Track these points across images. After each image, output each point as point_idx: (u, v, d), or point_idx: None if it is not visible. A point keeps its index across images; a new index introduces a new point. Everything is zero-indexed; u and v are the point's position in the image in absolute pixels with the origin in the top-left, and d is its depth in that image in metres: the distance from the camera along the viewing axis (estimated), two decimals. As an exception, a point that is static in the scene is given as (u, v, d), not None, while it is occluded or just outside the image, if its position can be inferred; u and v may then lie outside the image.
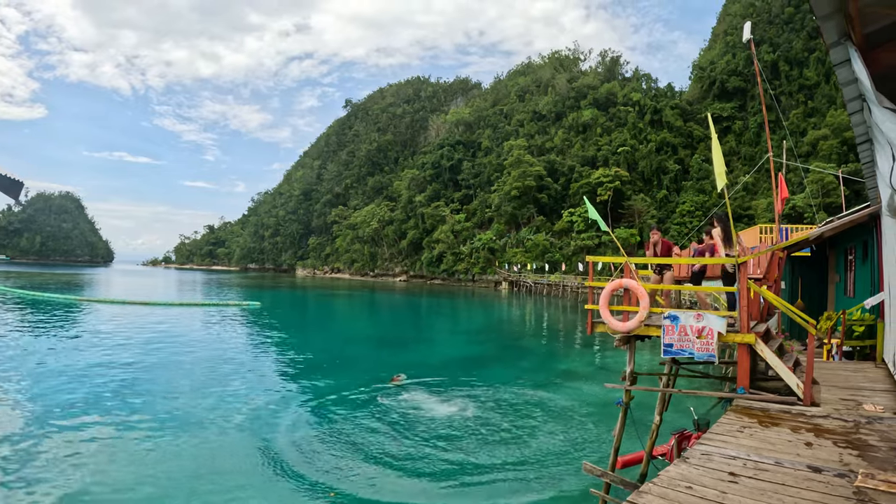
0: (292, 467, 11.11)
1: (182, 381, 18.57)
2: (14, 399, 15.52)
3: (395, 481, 10.56)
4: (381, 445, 12.60)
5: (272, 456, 11.74)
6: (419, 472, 11.05)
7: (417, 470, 11.14)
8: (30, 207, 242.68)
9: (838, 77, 5.27)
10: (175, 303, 49.60)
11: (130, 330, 30.45)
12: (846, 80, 5.33)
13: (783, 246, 10.48)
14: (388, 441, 12.91)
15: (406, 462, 11.57)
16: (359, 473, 10.91)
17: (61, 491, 9.66)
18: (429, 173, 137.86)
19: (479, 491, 10.23)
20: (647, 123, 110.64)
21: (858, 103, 5.92)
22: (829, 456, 5.59)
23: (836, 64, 5.03)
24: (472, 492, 10.21)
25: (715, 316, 7.69)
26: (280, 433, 13.39)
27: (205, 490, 9.97)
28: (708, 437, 6.13)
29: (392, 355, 25.17)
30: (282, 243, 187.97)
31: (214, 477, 10.54)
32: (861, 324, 12.03)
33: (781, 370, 7.52)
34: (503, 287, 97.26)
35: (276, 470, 10.97)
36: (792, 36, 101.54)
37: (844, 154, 72.75)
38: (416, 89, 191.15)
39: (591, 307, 8.96)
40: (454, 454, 12.09)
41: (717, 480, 4.85)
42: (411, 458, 11.78)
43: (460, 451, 12.27)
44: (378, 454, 12.02)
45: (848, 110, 6.30)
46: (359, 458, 11.79)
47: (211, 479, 10.40)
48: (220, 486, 10.13)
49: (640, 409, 10.52)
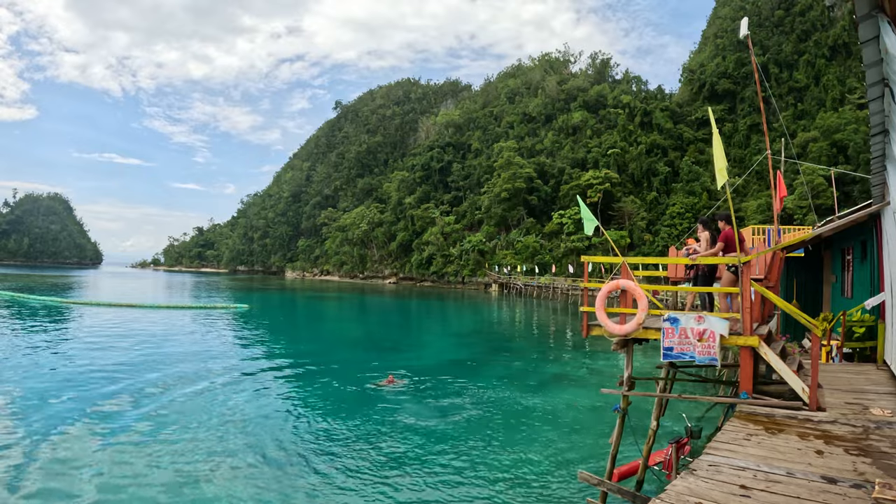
0: (283, 472, 10.74)
1: (167, 385, 18.07)
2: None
3: (385, 488, 10.20)
4: (371, 451, 12.24)
5: (261, 460, 11.36)
6: (410, 479, 10.70)
7: (408, 477, 10.79)
8: (18, 209, 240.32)
9: (863, 57, 4.95)
10: (162, 305, 48.94)
11: (116, 333, 29.86)
12: (871, 62, 5.00)
13: (785, 245, 10.21)
14: (378, 447, 12.56)
15: (396, 469, 11.22)
16: (349, 479, 10.55)
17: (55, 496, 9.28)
18: (418, 175, 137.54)
19: (471, 500, 9.88)
20: (637, 126, 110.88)
21: (879, 89, 5.59)
22: (842, 465, 5.30)
23: (863, 42, 4.70)
24: (465, 500, 9.86)
25: (717, 318, 7.38)
26: (270, 437, 13.01)
27: (189, 495, 9.57)
28: (714, 446, 5.80)
29: (382, 358, 24.77)
30: (271, 245, 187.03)
31: (201, 483, 10.13)
32: (861, 325, 11.79)
33: (786, 374, 7.22)
34: (493, 289, 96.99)
35: (267, 474, 10.59)
36: (782, 39, 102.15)
37: (834, 156, 73.11)
38: (406, 91, 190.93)
39: (586, 309, 8.60)
40: (445, 461, 11.74)
41: (728, 494, 4.52)
42: (402, 465, 11.43)
43: (452, 458, 11.92)
44: (368, 460, 11.66)
45: (868, 96, 5.98)
46: (349, 463, 11.42)
47: (196, 486, 10.00)
48: (207, 492, 9.73)
49: (634, 414, 10.20)
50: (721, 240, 8.64)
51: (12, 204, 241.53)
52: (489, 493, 10.09)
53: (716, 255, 8.70)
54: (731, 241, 8.29)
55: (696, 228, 9.31)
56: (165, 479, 10.34)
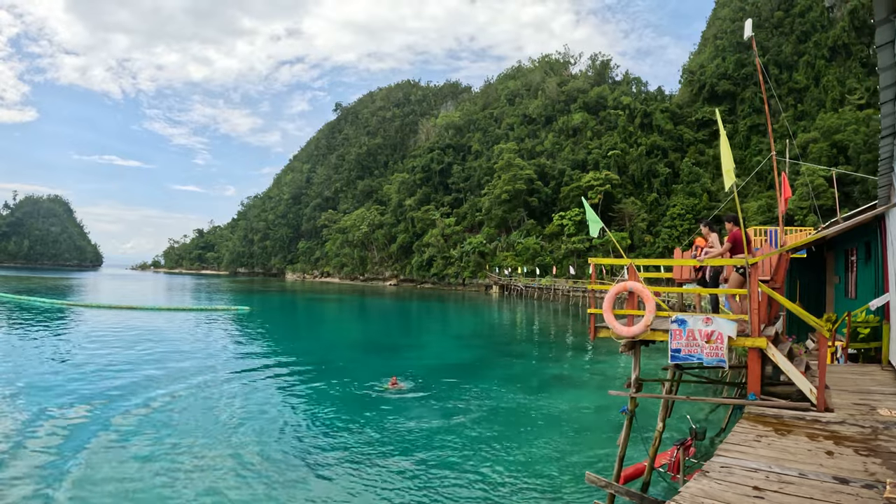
0: (286, 474, 10.74)
1: (169, 387, 18.07)
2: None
3: (389, 490, 10.19)
4: (374, 454, 12.24)
5: (263, 463, 11.34)
6: (414, 481, 10.69)
7: (412, 480, 10.78)
8: (18, 211, 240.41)
9: (879, 60, 4.97)
10: (163, 307, 48.93)
11: (117, 335, 29.87)
12: (886, 65, 5.01)
13: (793, 246, 10.22)
14: (381, 450, 12.55)
15: (400, 471, 11.21)
16: (352, 482, 10.54)
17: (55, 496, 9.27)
18: (419, 177, 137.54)
19: (477, 501, 9.88)
20: (637, 127, 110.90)
21: (893, 91, 5.61)
22: (853, 465, 5.32)
23: (879, 45, 4.72)
24: (471, 502, 9.86)
25: (725, 319, 7.39)
26: (272, 440, 13.00)
27: (190, 496, 9.57)
28: (725, 447, 5.81)
29: (384, 361, 24.78)
30: (271, 247, 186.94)
31: (201, 484, 10.13)
32: (866, 325, 11.80)
33: (794, 375, 7.23)
34: (494, 291, 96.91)
35: (268, 477, 10.58)
36: (781, 40, 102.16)
37: (834, 157, 73.07)
38: (406, 93, 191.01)
39: (593, 311, 8.61)
40: (451, 462, 11.75)
41: (742, 496, 4.54)
42: (406, 468, 11.42)
43: (458, 460, 11.93)
44: (371, 463, 11.65)
45: (881, 98, 5.99)
46: (353, 466, 11.41)
47: (197, 487, 10.00)
48: (207, 493, 9.73)
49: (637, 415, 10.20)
50: (729, 241, 8.65)
51: (12, 206, 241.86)
52: (495, 497, 10.09)
53: (723, 256, 8.71)
54: (739, 243, 8.29)
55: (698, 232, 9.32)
56: (165, 480, 10.36)
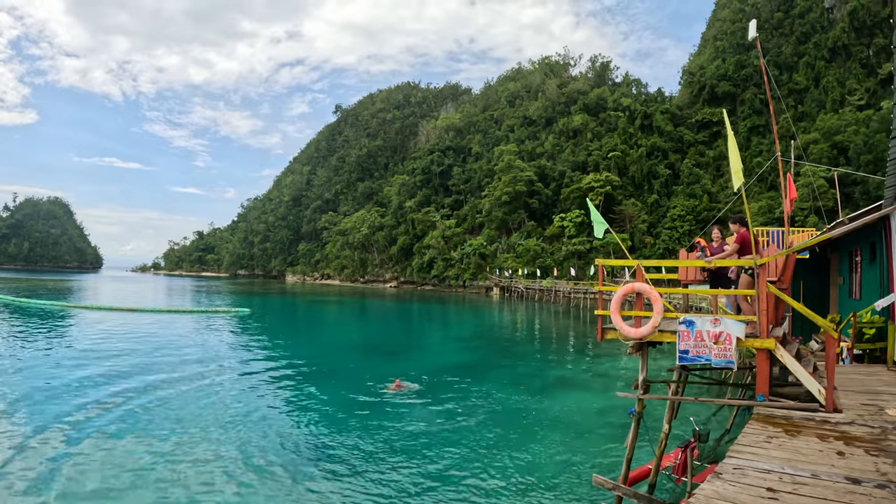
0: (287, 476, 10.70)
1: (170, 389, 18.03)
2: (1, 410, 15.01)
3: (393, 493, 10.16)
4: (377, 457, 12.19)
5: (264, 465, 11.31)
6: (417, 485, 10.65)
7: (416, 483, 10.74)
8: (18, 213, 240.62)
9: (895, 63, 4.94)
10: (163, 309, 48.90)
11: (118, 337, 29.81)
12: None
13: (800, 247, 10.22)
14: (385, 452, 12.51)
15: (403, 474, 11.15)
16: (355, 484, 10.51)
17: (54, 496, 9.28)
18: (419, 179, 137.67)
19: (483, 503, 9.86)
20: (638, 128, 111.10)
21: (906, 91, 5.63)
22: (865, 466, 5.32)
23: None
24: (477, 504, 9.84)
25: (733, 320, 7.37)
26: (274, 442, 12.96)
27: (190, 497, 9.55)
28: (737, 449, 5.80)
29: (385, 363, 24.76)
30: (271, 249, 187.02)
31: (202, 485, 10.11)
32: (871, 326, 11.79)
33: (803, 376, 7.22)
34: (495, 293, 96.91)
35: (269, 479, 10.55)
36: (781, 41, 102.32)
37: (834, 158, 73.12)
38: (406, 95, 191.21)
39: (601, 312, 8.60)
40: (456, 465, 11.71)
41: (756, 498, 4.52)
42: (409, 471, 11.37)
43: (462, 462, 11.89)
44: (374, 465, 11.61)
45: (895, 100, 5.98)
46: (355, 468, 11.38)
47: (197, 488, 9.97)
48: (208, 494, 9.71)
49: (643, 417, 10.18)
50: (737, 242, 8.64)
51: (13, 208, 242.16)
52: (502, 494, 10.07)
53: (731, 256, 8.70)
54: (748, 244, 8.28)
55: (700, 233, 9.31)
56: (165, 481, 10.33)
